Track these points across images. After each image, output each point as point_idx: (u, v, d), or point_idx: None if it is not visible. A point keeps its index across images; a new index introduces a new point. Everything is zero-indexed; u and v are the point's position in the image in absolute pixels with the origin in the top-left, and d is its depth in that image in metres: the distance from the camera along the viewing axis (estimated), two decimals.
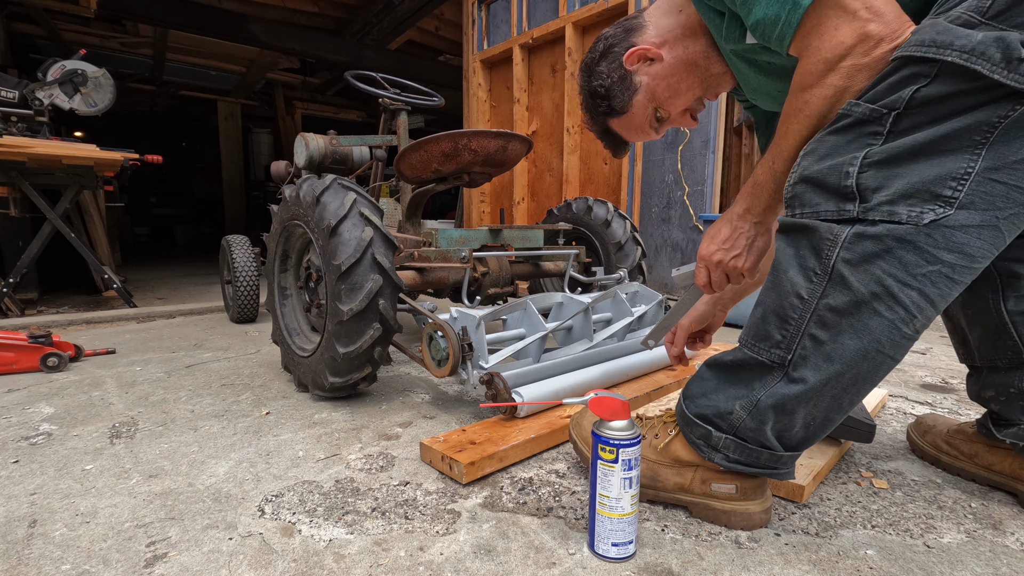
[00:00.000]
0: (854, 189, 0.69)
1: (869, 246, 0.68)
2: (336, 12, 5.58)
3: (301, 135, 2.47)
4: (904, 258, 0.67)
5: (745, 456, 0.84)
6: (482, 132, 1.60)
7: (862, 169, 0.68)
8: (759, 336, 0.80)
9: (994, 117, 0.62)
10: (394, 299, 1.38)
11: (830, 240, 0.71)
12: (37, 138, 2.88)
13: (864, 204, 0.69)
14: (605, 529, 0.79)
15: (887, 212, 0.67)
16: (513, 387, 1.26)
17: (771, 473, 0.85)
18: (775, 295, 0.78)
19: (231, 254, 2.61)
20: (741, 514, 0.88)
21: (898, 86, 0.66)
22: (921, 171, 0.65)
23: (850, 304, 0.70)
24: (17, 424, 1.35)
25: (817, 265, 0.73)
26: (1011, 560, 0.81)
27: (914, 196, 0.66)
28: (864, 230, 0.69)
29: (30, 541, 0.85)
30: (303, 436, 1.27)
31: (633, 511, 0.79)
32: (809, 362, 0.75)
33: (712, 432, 0.85)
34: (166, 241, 10.57)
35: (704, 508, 0.91)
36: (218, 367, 1.88)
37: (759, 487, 0.88)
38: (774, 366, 0.78)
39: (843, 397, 0.76)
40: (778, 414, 0.79)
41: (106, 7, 4.33)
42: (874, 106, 0.68)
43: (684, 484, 0.91)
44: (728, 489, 0.88)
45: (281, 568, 0.78)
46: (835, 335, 0.72)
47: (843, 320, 0.71)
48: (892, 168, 0.67)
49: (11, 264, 3.01)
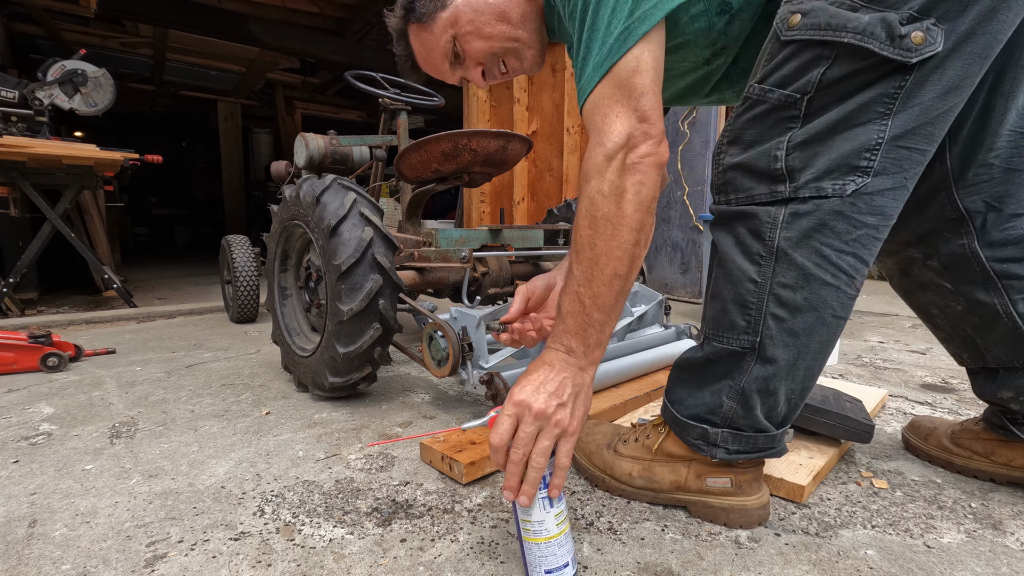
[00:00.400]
0: (783, 171, 0.73)
1: (804, 222, 0.73)
2: (336, 12, 5.58)
3: (301, 135, 2.47)
4: (836, 227, 0.72)
5: (743, 444, 0.85)
6: (482, 132, 1.60)
7: (788, 152, 0.73)
8: (724, 327, 0.82)
9: (890, 88, 0.68)
10: (394, 299, 1.38)
11: (770, 223, 0.75)
12: (37, 138, 2.88)
13: (794, 184, 0.73)
14: (535, 557, 0.71)
15: (815, 188, 0.72)
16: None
17: (768, 453, 0.86)
18: (729, 285, 0.80)
19: (231, 254, 2.61)
20: (738, 510, 0.88)
21: (804, 70, 0.71)
22: (838, 147, 0.71)
23: (799, 279, 0.75)
24: (17, 424, 1.35)
25: (761, 248, 0.76)
26: (1011, 560, 0.81)
27: (835, 171, 0.71)
28: (797, 208, 0.73)
29: (30, 541, 0.85)
30: (303, 436, 1.27)
31: (561, 531, 0.71)
32: (776, 340, 0.78)
33: (708, 429, 0.85)
34: (166, 241, 10.57)
35: (702, 506, 0.90)
36: (218, 367, 1.88)
37: (754, 480, 0.88)
38: (745, 352, 0.80)
39: (814, 365, 0.80)
40: (763, 396, 0.81)
41: (106, 7, 4.33)
42: (787, 92, 0.72)
43: (680, 482, 0.91)
44: (723, 483, 0.88)
45: (281, 568, 0.78)
46: (793, 310, 0.76)
47: (796, 295, 0.75)
48: (813, 147, 0.72)
49: (11, 264, 3.01)
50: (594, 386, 1.39)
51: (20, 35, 5.39)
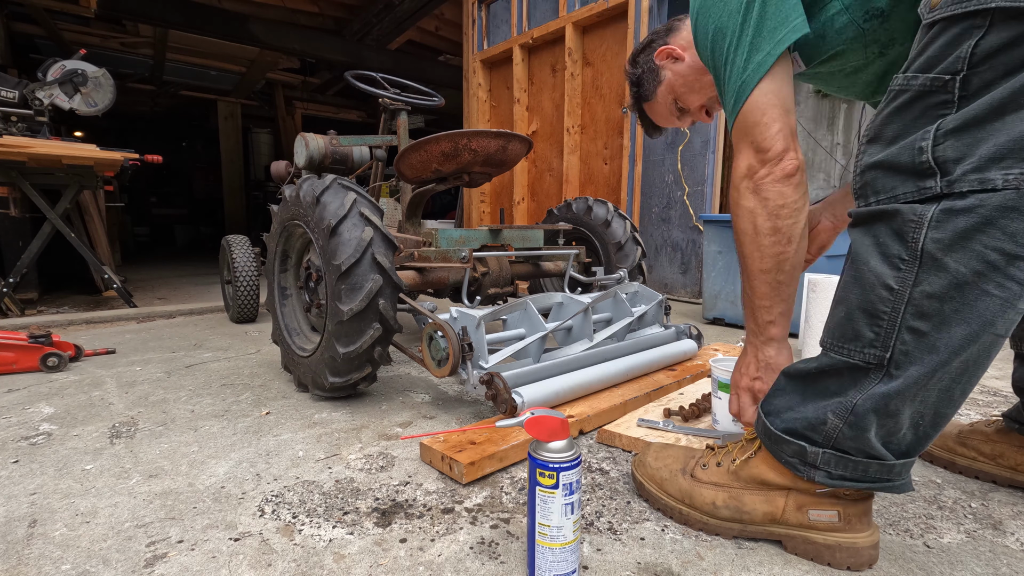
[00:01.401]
0: (931, 163, 0.63)
1: (962, 221, 0.61)
2: (336, 12, 5.59)
3: (301, 135, 2.47)
4: (1009, 227, 0.59)
5: (851, 470, 0.74)
6: (482, 132, 1.60)
7: (937, 141, 0.62)
8: (847, 337, 0.72)
9: None
10: (394, 299, 1.38)
11: (914, 221, 0.64)
12: (37, 138, 2.88)
13: (947, 177, 0.62)
14: (546, 561, 0.71)
15: (977, 181, 0.60)
16: (513, 387, 1.26)
17: (884, 486, 0.74)
18: (858, 290, 0.71)
19: (231, 254, 2.61)
20: (847, 549, 0.77)
21: (951, 46, 0.61)
22: (1010, 129, 0.58)
23: (950, 287, 0.63)
24: (17, 424, 1.35)
25: (903, 251, 0.66)
26: (1011, 560, 0.81)
27: (1008, 157, 0.58)
28: (952, 204, 0.62)
29: (30, 541, 0.85)
30: (303, 436, 1.27)
31: (575, 538, 0.72)
32: (911, 356, 0.67)
33: (807, 448, 0.76)
34: (166, 241, 10.57)
35: (802, 542, 0.80)
36: (218, 367, 1.88)
37: (864, 514, 0.78)
38: (870, 367, 0.70)
39: (953, 388, 0.68)
40: (881, 417, 0.70)
41: (106, 7, 4.33)
42: (932, 75, 0.63)
43: (775, 514, 0.81)
44: (829, 517, 0.77)
45: (281, 568, 0.78)
46: (938, 324, 0.64)
47: (945, 306, 0.64)
48: (973, 133, 0.60)
49: (11, 264, 3.01)
50: (593, 386, 1.40)
51: (20, 35, 5.39)
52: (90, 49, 4.13)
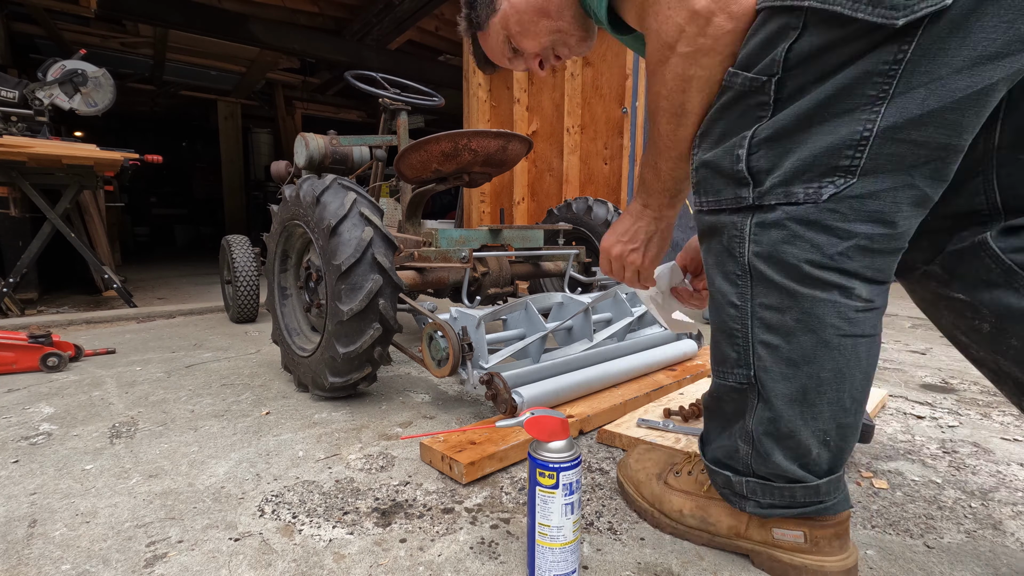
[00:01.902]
0: (746, 173, 0.63)
1: (774, 234, 0.62)
2: (336, 12, 5.58)
3: (301, 135, 2.47)
4: (814, 240, 0.60)
5: (777, 497, 0.71)
6: (482, 132, 1.60)
7: (751, 150, 0.62)
8: (718, 360, 0.73)
9: (881, 65, 0.54)
10: (394, 299, 1.38)
11: (738, 237, 0.65)
12: (37, 138, 2.88)
13: (759, 189, 0.62)
14: (546, 561, 0.71)
15: (783, 194, 0.61)
16: (513, 387, 1.26)
17: (816, 509, 0.71)
18: (715, 310, 0.71)
19: (231, 254, 2.61)
20: (814, 571, 0.71)
21: (769, 45, 0.59)
22: (813, 143, 0.58)
23: (784, 297, 0.63)
24: (17, 424, 1.35)
25: (736, 267, 0.66)
26: (1011, 560, 0.81)
27: (808, 171, 0.59)
28: (764, 217, 0.62)
29: (30, 541, 0.85)
30: (303, 436, 1.27)
31: (576, 538, 0.72)
32: (772, 372, 0.66)
33: (732, 477, 0.75)
34: (166, 241, 10.57)
35: (767, 559, 0.76)
36: (218, 367, 1.88)
37: (835, 537, 0.72)
38: (744, 388, 0.69)
39: (840, 396, 0.65)
40: (779, 440, 0.68)
41: (106, 7, 4.33)
42: (751, 75, 0.61)
43: (739, 528, 0.78)
44: (794, 537, 0.73)
45: (281, 568, 0.78)
46: (786, 335, 0.64)
47: (786, 316, 0.63)
48: (783, 143, 0.60)
49: (11, 264, 3.01)
50: (593, 386, 1.40)
51: (20, 35, 5.39)
52: (90, 49, 4.13)
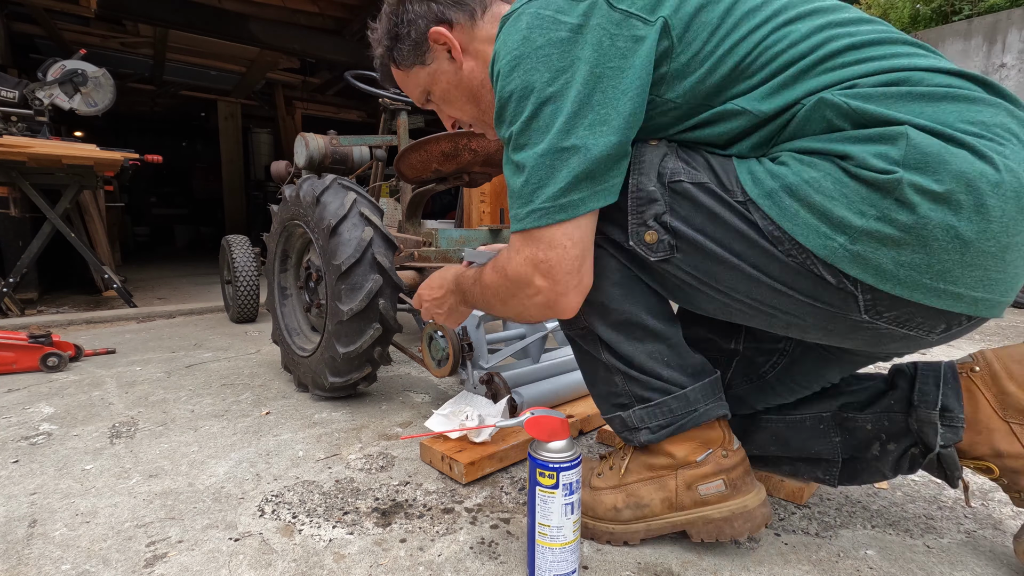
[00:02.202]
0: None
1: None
2: (336, 12, 5.58)
3: (301, 135, 2.47)
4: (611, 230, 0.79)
5: (660, 416, 0.80)
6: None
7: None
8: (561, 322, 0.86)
9: None
10: (394, 299, 1.38)
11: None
12: (37, 138, 2.89)
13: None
14: (546, 561, 0.71)
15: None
16: (513, 387, 1.26)
17: (693, 418, 0.79)
18: None
19: (231, 254, 2.61)
20: (741, 515, 0.79)
21: None
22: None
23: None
24: (17, 424, 1.35)
25: None
26: (1011, 560, 0.81)
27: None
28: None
29: (30, 541, 0.85)
30: (303, 436, 1.27)
31: (576, 538, 0.73)
32: (590, 315, 0.79)
33: (622, 415, 0.82)
34: (166, 241, 10.57)
35: (703, 523, 0.81)
36: (218, 367, 1.88)
37: (745, 473, 0.81)
38: (584, 331, 0.81)
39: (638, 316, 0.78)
40: (632, 366, 0.79)
41: (106, 7, 4.33)
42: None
43: (671, 499, 0.82)
44: (716, 487, 0.80)
45: (281, 568, 0.78)
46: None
47: None
48: None
49: (11, 264, 3.01)
50: (580, 391, 1.36)
51: (20, 35, 5.39)
52: (90, 49, 4.13)
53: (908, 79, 0.63)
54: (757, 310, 0.73)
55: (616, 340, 0.79)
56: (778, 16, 0.68)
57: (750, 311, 0.73)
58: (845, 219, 0.61)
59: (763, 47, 0.67)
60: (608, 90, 0.66)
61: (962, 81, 0.64)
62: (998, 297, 0.62)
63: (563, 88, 0.67)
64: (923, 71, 0.63)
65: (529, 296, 0.74)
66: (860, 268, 0.62)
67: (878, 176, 0.59)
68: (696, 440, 0.81)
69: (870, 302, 0.64)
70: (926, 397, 0.79)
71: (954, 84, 0.63)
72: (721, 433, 0.82)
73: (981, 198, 0.57)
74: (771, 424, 0.92)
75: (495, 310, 0.84)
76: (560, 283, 0.71)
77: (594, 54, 0.67)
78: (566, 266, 0.70)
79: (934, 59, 0.66)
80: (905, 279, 0.61)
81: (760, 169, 0.67)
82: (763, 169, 0.67)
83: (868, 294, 0.64)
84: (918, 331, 0.66)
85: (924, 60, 0.65)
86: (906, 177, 0.58)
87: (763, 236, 0.66)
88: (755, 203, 0.66)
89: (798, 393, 0.89)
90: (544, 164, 0.67)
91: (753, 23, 0.67)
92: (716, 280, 0.71)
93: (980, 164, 0.58)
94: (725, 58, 0.67)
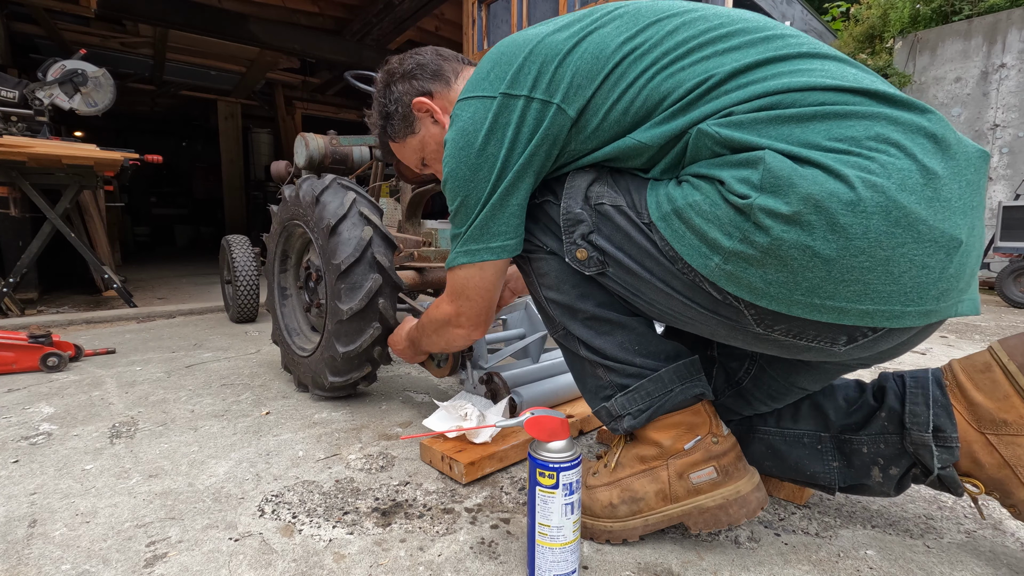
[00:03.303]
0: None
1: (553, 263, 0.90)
2: (336, 12, 5.58)
3: (301, 135, 2.47)
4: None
5: (641, 400, 0.82)
6: None
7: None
8: (548, 330, 0.95)
9: None
10: (394, 298, 1.38)
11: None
12: (37, 138, 2.88)
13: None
14: (546, 561, 0.72)
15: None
16: (513, 387, 1.26)
17: (669, 400, 0.81)
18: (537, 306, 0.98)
19: (231, 254, 2.61)
20: (736, 501, 0.79)
21: None
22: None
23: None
24: (17, 424, 1.35)
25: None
26: (1011, 560, 0.81)
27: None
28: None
29: (30, 541, 0.85)
30: (303, 436, 1.27)
31: (576, 538, 0.73)
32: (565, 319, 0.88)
33: (607, 406, 0.85)
34: (166, 241, 10.57)
35: (699, 513, 0.81)
36: (218, 367, 1.88)
37: (737, 458, 0.81)
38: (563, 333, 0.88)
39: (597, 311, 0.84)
40: (605, 358, 0.84)
41: (106, 7, 4.33)
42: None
43: (665, 489, 0.83)
44: (708, 474, 0.80)
45: (281, 568, 0.78)
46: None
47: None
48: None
49: (11, 264, 3.01)
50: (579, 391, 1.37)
51: (20, 35, 5.39)
52: (90, 49, 4.13)
53: (780, 102, 0.65)
54: (682, 320, 0.78)
55: (588, 336, 0.84)
56: (666, 56, 0.72)
57: (679, 321, 0.79)
58: (717, 240, 0.65)
59: (648, 90, 0.72)
60: (505, 209, 0.80)
61: (840, 95, 0.64)
62: (899, 307, 0.62)
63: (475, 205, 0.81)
64: (797, 91, 0.65)
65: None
66: (735, 286, 0.66)
67: (739, 200, 0.63)
68: (680, 427, 0.82)
69: (756, 316, 0.68)
70: (917, 419, 0.78)
71: (828, 101, 0.64)
72: (707, 419, 0.83)
73: (833, 217, 0.59)
74: (768, 436, 0.92)
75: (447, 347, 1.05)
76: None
77: (498, 168, 0.79)
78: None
79: (818, 76, 0.66)
80: (777, 295, 0.64)
81: (663, 192, 0.72)
82: (664, 192, 0.72)
83: (751, 309, 0.68)
84: (818, 343, 0.68)
85: (803, 79, 0.66)
86: (757, 202, 0.61)
87: (663, 255, 0.72)
88: (654, 224, 0.72)
89: (778, 400, 0.90)
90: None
91: (639, 69, 0.72)
92: (641, 293, 0.78)
93: (832, 183, 0.59)
94: (615, 106, 0.74)
